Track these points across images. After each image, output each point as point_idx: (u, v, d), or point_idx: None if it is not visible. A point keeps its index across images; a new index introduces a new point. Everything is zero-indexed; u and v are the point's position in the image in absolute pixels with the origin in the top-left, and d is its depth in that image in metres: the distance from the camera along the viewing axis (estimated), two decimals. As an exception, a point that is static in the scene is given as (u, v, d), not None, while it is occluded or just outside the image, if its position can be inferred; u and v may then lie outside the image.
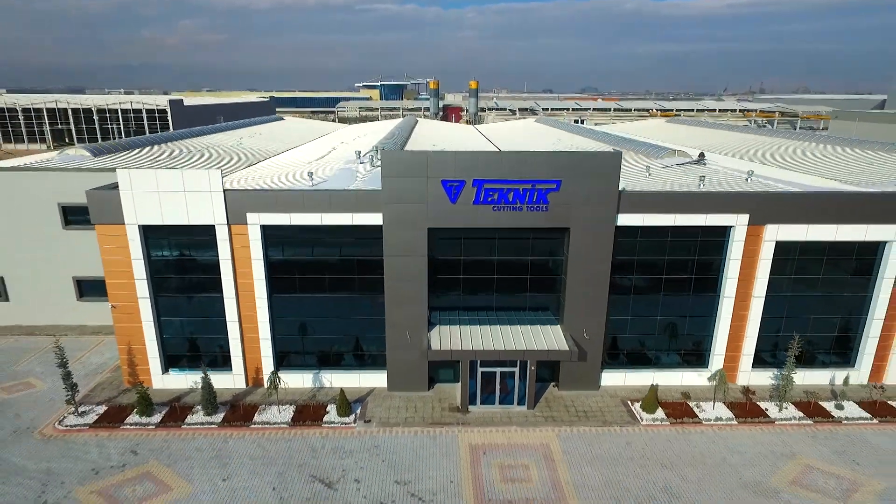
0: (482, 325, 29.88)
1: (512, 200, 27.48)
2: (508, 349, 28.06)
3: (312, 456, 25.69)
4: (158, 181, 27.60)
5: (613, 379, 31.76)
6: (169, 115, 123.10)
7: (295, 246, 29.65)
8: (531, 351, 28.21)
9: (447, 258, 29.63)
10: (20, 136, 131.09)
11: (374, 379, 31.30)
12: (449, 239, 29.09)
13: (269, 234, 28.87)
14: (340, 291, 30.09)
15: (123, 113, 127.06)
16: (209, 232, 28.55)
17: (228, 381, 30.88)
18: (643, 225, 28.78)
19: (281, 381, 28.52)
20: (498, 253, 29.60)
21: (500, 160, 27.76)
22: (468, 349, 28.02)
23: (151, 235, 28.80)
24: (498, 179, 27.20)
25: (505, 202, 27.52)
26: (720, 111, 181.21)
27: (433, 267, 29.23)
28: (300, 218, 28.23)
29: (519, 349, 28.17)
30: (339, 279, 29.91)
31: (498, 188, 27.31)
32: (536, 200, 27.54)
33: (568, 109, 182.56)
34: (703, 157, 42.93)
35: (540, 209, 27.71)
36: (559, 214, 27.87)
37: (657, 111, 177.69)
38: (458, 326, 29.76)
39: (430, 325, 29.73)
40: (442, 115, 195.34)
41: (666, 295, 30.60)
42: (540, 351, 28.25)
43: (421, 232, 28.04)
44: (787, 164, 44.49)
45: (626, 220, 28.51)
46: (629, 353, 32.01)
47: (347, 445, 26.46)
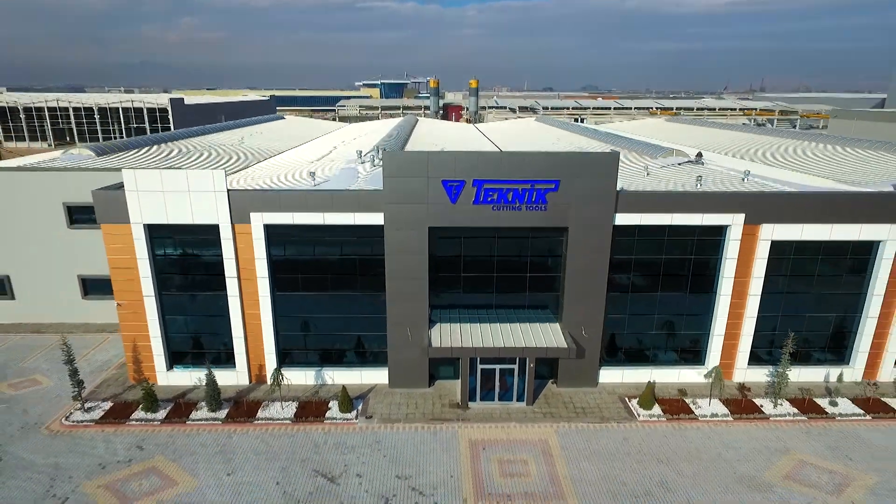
0: (482, 322, 30.31)
1: (511, 200, 27.89)
2: (508, 347, 28.49)
3: (315, 451, 26.15)
4: (163, 181, 28.03)
5: (611, 376, 32.21)
6: (170, 114, 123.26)
7: (297, 245, 30.06)
8: (530, 348, 28.65)
9: (447, 257, 30.04)
10: (21, 134, 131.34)
11: (375, 376, 31.77)
12: (449, 238, 29.50)
13: (272, 233, 29.31)
14: (342, 290, 30.52)
15: (124, 112, 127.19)
16: (213, 231, 28.99)
17: (232, 377, 31.35)
18: (641, 224, 29.18)
19: (284, 377, 28.94)
20: (497, 252, 30.00)
21: (499, 160, 28.16)
22: (468, 346, 28.46)
23: (156, 234, 29.23)
24: (497, 179, 27.59)
25: (504, 202, 27.92)
26: (720, 110, 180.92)
27: (434, 265, 29.65)
28: (303, 217, 28.66)
29: (518, 347, 28.60)
30: (340, 278, 30.33)
31: (497, 188, 27.71)
32: (535, 200, 27.94)
33: (568, 108, 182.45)
34: (700, 156, 43.31)
35: (539, 209, 28.12)
36: (558, 214, 28.27)
37: (657, 109, 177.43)
38: (458, 324, 30.20)
39: (430, 322, 30.17)
40: (442, 113, 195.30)
41: (663, 293, 31.03)
42: (539, 348, 28.69)
43: (422, 231, 28.46)
44: (784, 163, 44.88)
45: (623, 219, 28.90)
46: (627, 350, 32.44)
47: (349, 441, 26.92)
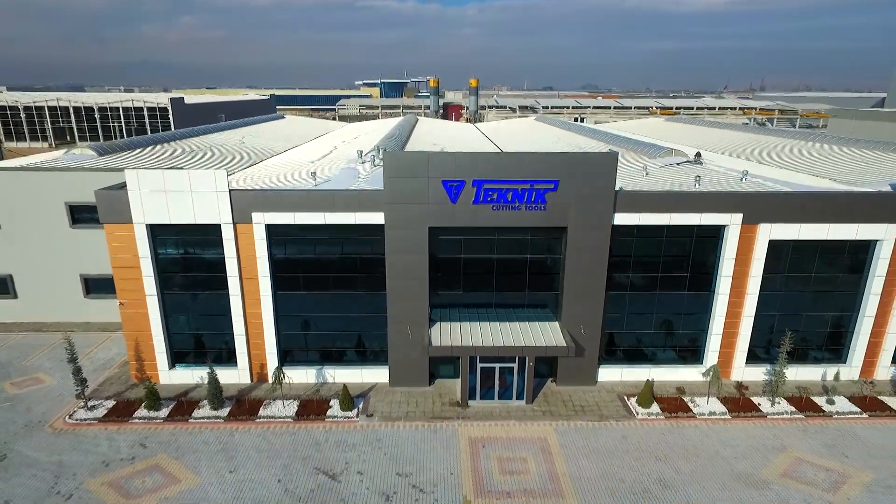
0: (482, 321, 30.54)
1: (511, 200, 28.10)
2: (507, 345, 28.72)
3: (316, 449, 26.39)
4: (166, 181, 28.24)
5: (610, 374, 32.45)
6: (170, 113, 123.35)
7: (299, 244, 30.27)
8: (529, 347, 28.88)
9: (448, 256, 30.25)
10: (22, 134, 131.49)
11: (376, 374, 32.01)
12: (449, 238, 29.70)
13: (273, 232, 29.52)
14: (343, 289, 30.74)
15: (125, 111, 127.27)
16: (215, 231, 29.20)
17: (234, 376, 31.59)
18: (639, 224, 29.38)
19: (285, 376, 29.18)
20: (497, 251, 30.21)
21: (499, 161, 28.38)
22: (468, 345, 28.69)
23: (159, 234, 29.45)
24: (497, 180, 27.81)
25: (504, 202, 28.13)
26: (720, 109, 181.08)
27: (434, 265, 29.87)
28: (304, 217, 28.87)
29: (518, 345, 28.83)
30: (341, 277, 30.55)
31: (497, 188, 27.93)
32: (535, 200, 28.16)
33: (568, 107, 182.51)
34: (699, 156, 43.49)
35: (538, 209, 28.33)
36: (557, 214, 28.49)
37: (657, 109, 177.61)
38: (458, 323, 30.43)
39: (430, 321, 30.39)
40: (442, 113, 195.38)
41: (661, 292, 31.24)
42: (538, 347, 28.92)
43: (422, 231, 28.68)
44: (782, 163, 45.11)
45: (622, 219, 29.11)
46: (626, 349, 32.66)
47: (350, 439, 27.16)
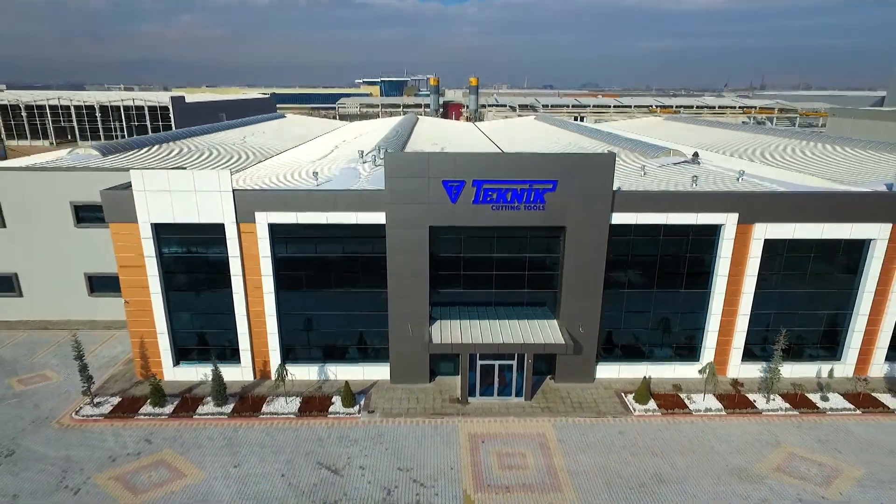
0: (481, 319, 31.00)
1: (510, 200, 28.53)
2: (507, 343, 29.16)
3: (319, 444, 26.86)
4: (170, 181, 28.67)
5: (608, 371, 32.91)
6: (171, 111, 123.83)
7: (301, 243, 30.68)
8: (528, 344, 29.33)
9: (448, 255, 30.67)
10: (23, 132, 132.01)
11: (377, 371, 32.46)
12: (449, 237, 30.14)
13: (276, 232, 29.92)
14: (345, 287, 31.16)
15: (126, 110, 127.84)
16: (219, 230, 29.62)
17: (237, 373, 32.04)
18: (637, 223, 29.81)
19: (288, 373, 29.62)
20: (497, 250, 30.64)
21: (498, 161, 28.81)
22: (468, 343, 29.14)
23: (163, 233, 29.87)
24: (497, 180, 28.23)
25: (503, 202, 28.56)
26: (720, 108, 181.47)
27: (434, 264, 30.31)
28: (306, 217, 29.30)
29: (517, 343, 29.27)
30: (343, 275, 30.98)
31: (497, 188, 28.35)
32: (534, 200, 28.58)
33: (568, 106, 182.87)
34: (697, 156, 43.91)
35: (537, 208, 28.76)
36: (556, 213, 28.92)
37: (657, 107, 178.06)
38: (458, 321, 30.89)
39: (431, 319, 30.84)
40: (442, 111, 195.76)
41: (659, 291, 31.68)
42: (537, 344, 29.37)
43: (422, 230, 29.12)
44: (780, 162, 45.54)
45: (620, 218, 29.53)
46: (623, 346, 33.12)
47: (352, 434, 27.63)
